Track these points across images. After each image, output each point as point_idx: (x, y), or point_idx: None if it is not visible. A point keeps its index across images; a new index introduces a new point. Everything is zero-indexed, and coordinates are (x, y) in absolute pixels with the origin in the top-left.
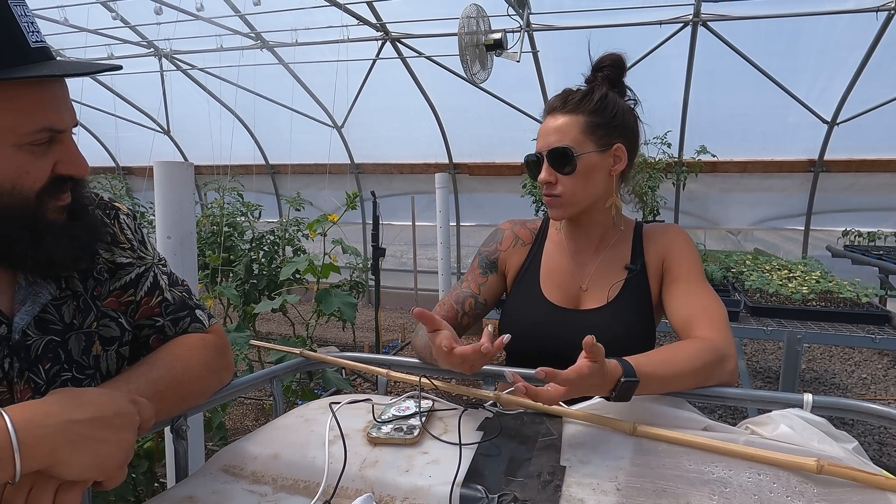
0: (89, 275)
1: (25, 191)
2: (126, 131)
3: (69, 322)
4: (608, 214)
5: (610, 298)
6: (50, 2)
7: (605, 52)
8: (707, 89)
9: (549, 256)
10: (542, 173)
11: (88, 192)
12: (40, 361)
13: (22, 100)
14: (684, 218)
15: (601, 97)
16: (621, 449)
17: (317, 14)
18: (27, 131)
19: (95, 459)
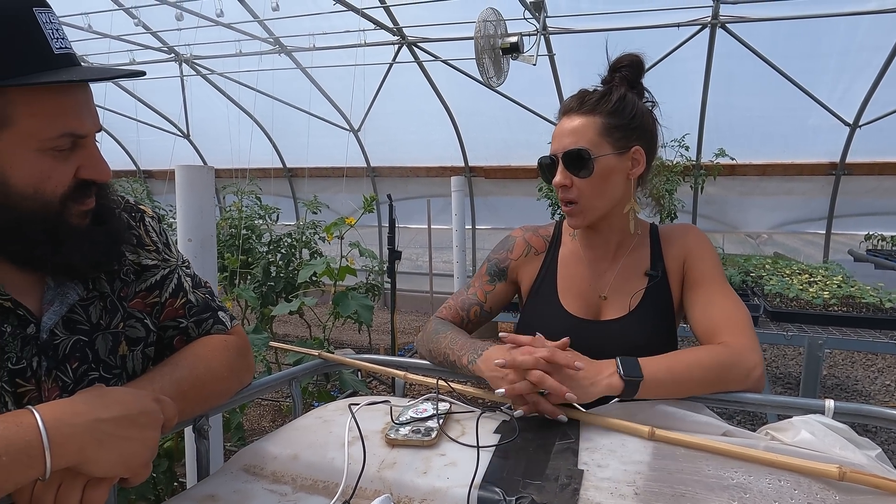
0: (116, 276)
1: (48, 195)
2: (147, 135)
3: (96, 322)
4: (626, 220)
5: (632, 307)
6: (74, 9)
7: (624, 52)
8: (725, 92)
9: (564, 265)
10: (557, 176)
11: (114, 195)
12: (68, 360)
13: (44, 105)
14: (702, 221)
15: (619, 98)
16: (639, 453)
17: (334, 19)
18: (49, 136)
19: (122, 457)
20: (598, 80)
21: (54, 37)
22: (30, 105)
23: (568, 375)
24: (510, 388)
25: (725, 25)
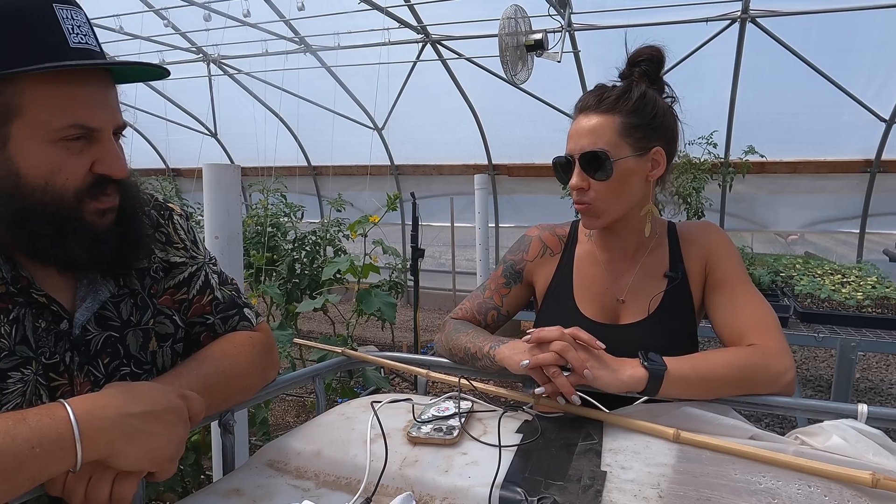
0: (146, 273)
1: (59, 188)
2: (175, 134)
3: (126, 319)
4: (644, 221)
5: (651, 310)
6: (106, 11)
7: (643, 44)
8: (755, 88)
9: (580, 267)
10: (574, 178)
11: (142, 195)
12: (99, 356)
13: (54, 95)
14: (730, 220)
15: (640, 96)
16: (664, 456)
17: (359, 18)
18: (57, 127)
19: (149, 452)
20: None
21: (73, 32)
22: (40, 95)
23: (591, 355)
24: (534, 359)
25: (756, 20)
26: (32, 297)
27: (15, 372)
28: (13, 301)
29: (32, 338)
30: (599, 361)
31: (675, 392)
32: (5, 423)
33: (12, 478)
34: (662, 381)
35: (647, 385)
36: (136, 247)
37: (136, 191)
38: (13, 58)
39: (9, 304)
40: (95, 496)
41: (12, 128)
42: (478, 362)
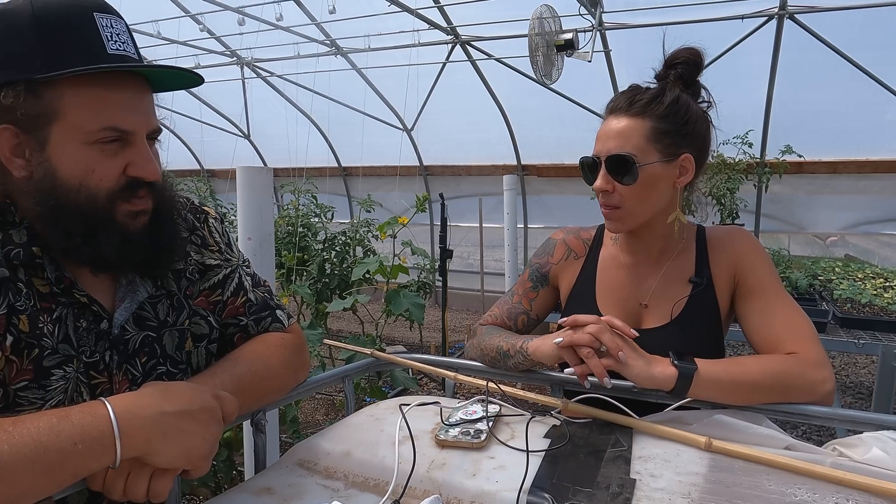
0: (182, 275)
1: (92, 188)
2: (210, 136)
3: (163, 319)
4: (670, 227)
5: (674, 315)
6: (145, 17)
7: (682, 46)
8: (793, 86)
9: (604, 270)
10: (599, 180)
11: (177, 199)
12: (137, 355)
13: (89, 99)
14: (766, 221)
15: (672, 101)
16: (695, 464)
17: (389, 20)
18: (92, 129)
19: (184, 450)
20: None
21: (112, 39)
22: (77, 98)
23: (626, 343)
24: (568, 336)
25: (794, 16)
26: (74, 298)
27: (58, 369)
28: (56, 301)
29: (74, 337)
30: (634, 351)
31: (706, 395)
32: (49, 419)
33: (56, 473)
34: (692, 381)
35: (676, 384)
36: (167, 249)
37: (171, 195)
38: (53, 63)
39: (52, 303)
40: (134, 491)
41: (51, 130)
42: (510, 360)
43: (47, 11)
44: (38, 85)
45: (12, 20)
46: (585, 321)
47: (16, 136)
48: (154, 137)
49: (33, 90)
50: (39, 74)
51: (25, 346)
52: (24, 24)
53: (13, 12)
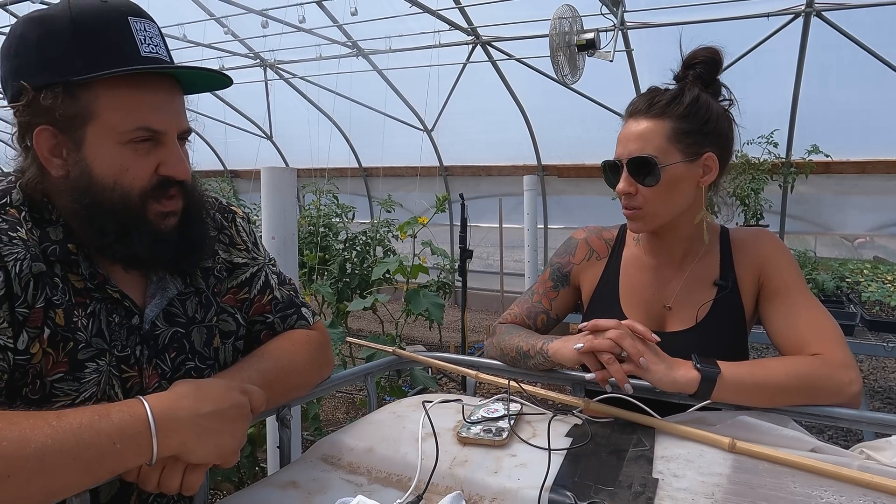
0: (210, 273)
1: (126, 187)
2: (234, 137)
3: (192, 316)
4: (694, 228)
5: (699, 319)
6: (171, 20)
7: (700, 45)
8: (820, 84)
9: (627, 271)
10: (621, 183)
11: (206, 200)
12: (166, 350)
13: (123, 100)
14: (792, 222)
15: (692, 100)
16: (718, 465)
17: (410, 21)
18: (126, 129)
19: (216, 448)
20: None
21: (145, 42)
22: (111, 99)
23: (648, 348)
24: (588, 343)
25: (821, 13)
26: (108, 293)
27: (91, 363)
28: (90, 296)
29: (107, 331)
30: (656, 355)
31: (730, 397)
32: (91, 417)
33: (95, 469)
34: (715, 385)
35: (699, 388)
36: (196, 248)
37: (201, 195)
38: (90, 65)
39: (86, 298)
40: (167, 484)
41: (87, 130)
42: (530, 360)
43: (84, 16)
44: (75, 87)
45: (52, 25)
46: (606, 326)
47: (54, 137)
48: (184, 138)
49: (70, 92)
50: (77, 77)
51: (61, 339)
52: (63, 29)
53: (52, 18)
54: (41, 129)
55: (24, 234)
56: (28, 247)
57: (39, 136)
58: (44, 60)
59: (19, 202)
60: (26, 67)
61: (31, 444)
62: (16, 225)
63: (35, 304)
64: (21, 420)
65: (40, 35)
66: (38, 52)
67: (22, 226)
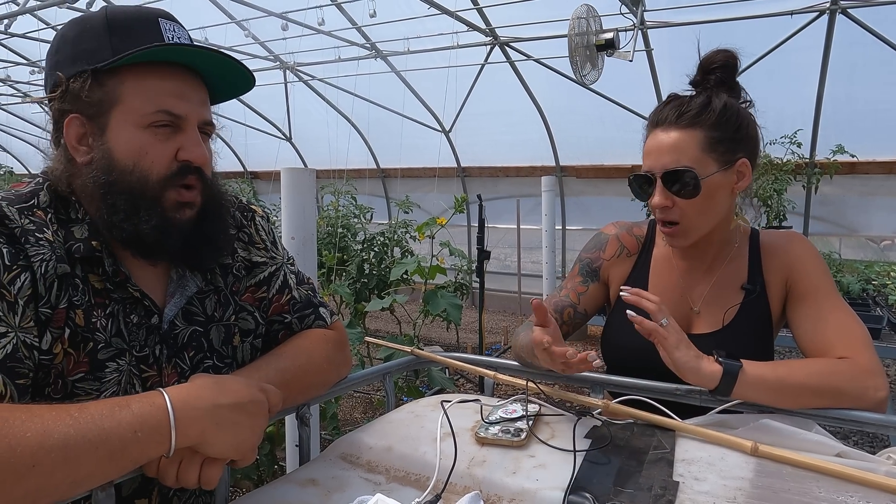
0: (229, 271)
1: (145, 170)
2: (254, 139)
3: (210, 314)
4: (727, 233)
5: (725, 322)
6: (193, 24)
7: (715, 49)
8: (846, 83)
9: (656, 272)
10: (657, 197)
11: (227, 198)
12: (185, 349)
13: (147, 84)
14: (816, 224)
15: (723, 108)
16: (741, 469)
17: (428, 22)
18: (147, 111)
19: (235, 441)
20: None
21: (171, 38)
22: (135, 84)
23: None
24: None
25: (847, 11)
26: (128, 293)
27: (111, 362)
28: (109, 297)
29: (126, 331)
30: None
31: (750, 395)
32: (112, 408)
33: (117, 458)
34: (736, 379)
35: (720, 382)
36: (209, 243)
37: (221, 193)
38: (117, 53)
39: (105, 299)
40: (186, 478)
41: (111, 115)
42: (533, 359)
43: (117, 15)
44: (102, 74)
45: (89, 23)
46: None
47: (82, 125)
48: (207, 132)
49: (98, 79)
50: (103, 63)
51: (81, 339)
52: (98, 26)
53: (90, 17)
54: (71, 119)
55: (51, 235)
56: (54, 248)
57: (69, 125)
58: (77, 52)
59: (46, 204)
60: (63, 61)
61: (54, 435)
62: (42, 227)
63: (58, 305)
64: (44, 412)
65: (77, 32)
66: (73, 45)
67: (48, 227)
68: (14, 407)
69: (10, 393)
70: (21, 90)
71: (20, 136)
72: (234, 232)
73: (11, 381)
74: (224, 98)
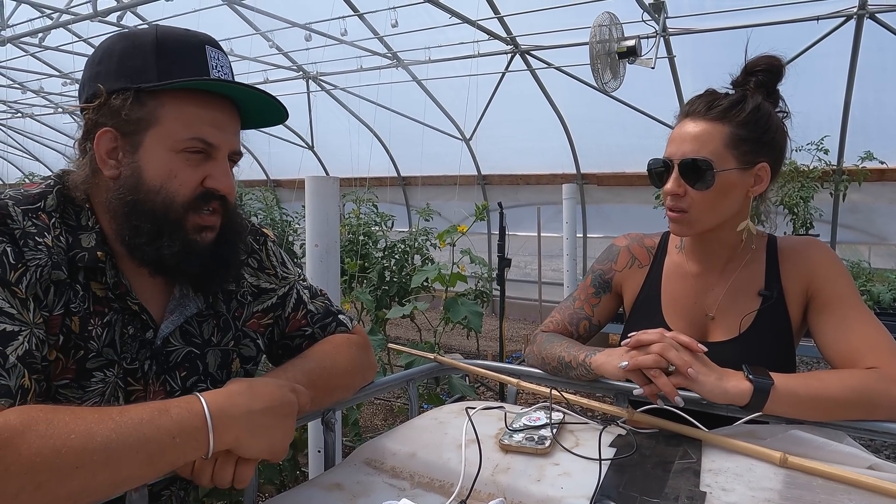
0: (233, 297)
1: (171, 193)
2: (277, 148)
3: (207, 338)
4: (739, 235)
5: (742, 329)
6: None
7: (762, 53)
8: (874, 89)
9: (669, 280)
10: (670, 183)
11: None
12: (177, 368)
13: (186, 111)
14: (844, 232)
15: (754, 108)
16: (769, 480)
17: (449, 32)
18: (182, 137)
19: (268, 443)
20: (724, 82)
21: (216, 68)
22: (175, 109)
23: (696, 358)
24: (633, 360)
25: (875, 15)
26: (127, 304)
27: (98, 372)
28: (109, 306)
29: (119, 342)
30: (705, 365)
31: (782, 410)
32: (151, 413)
33: (155, 462)
34: (768, 396)
35: (751, 399)
36: (224, 268)
37: (241, 219)
38: (162, 77)
39: (105, 308)
40: (221, 478)
41: (146, 135)
42: (572, 371)
43: (167, 37)
44: (145, 94)
45: (138, 40)
46: (649, 340)
47: (114, 140)
48: (234, 160)
49: (139, 98)
50: (148, 84)
51: (73, 345)
52: (147, 45)
53: (140, 35)
54: (104, 131)
55: (50, 240)
56: (51, 254)
57: (101, 138)
58: (123, 69)
59: (52, 207)
60: (105, 73)
61: (97, 438)
62: (44, 230)
63: (53, 311)
64: (87, 414)
65: (125, 47)
66: (119, 61)
67: (50, 232)
68: (56, 408)
69: (34, 388)
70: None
71: (52, 146)
72: (244, 257)
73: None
74: (255, 126)
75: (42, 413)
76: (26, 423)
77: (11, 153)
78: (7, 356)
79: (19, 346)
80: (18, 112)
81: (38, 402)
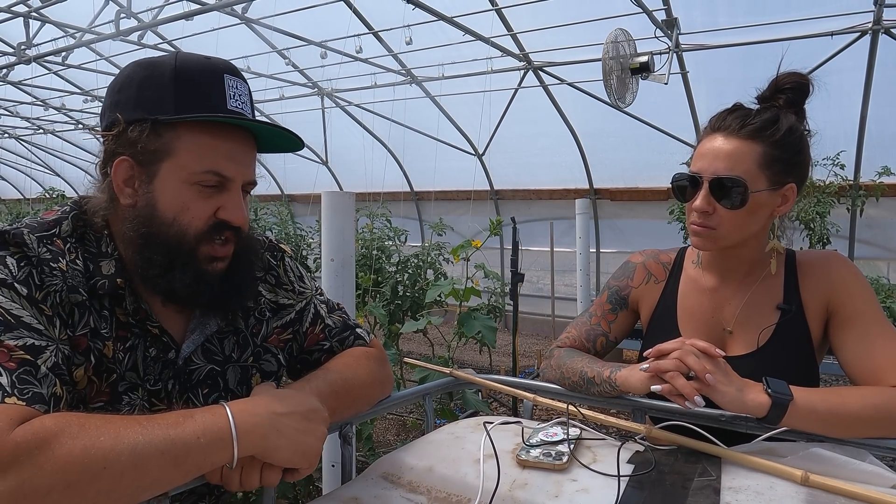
0: (251, 314)
1: (184, 225)
2: (291, 163)
3: (228, 355)
4: (759, 252)
5: (761, 343)
6: (237, 54)
7: (790, 70)
8: (890, 103)
9: (686, 295)
10: (699, 201)
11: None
12: (199, 386)
13: (202, 144)
14: (862, 247)
15: (789, 129)
16: (790, 499)
17: (463, 48)
18: (197, 170)
19: (299, 447)
20: (737, 98)
21: (233, 98)
22: (191, 141)
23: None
24: (654, 365)
25: (890, 31)
26: (147, 328)
27: (125, 395)
28: (131, 331)
29: (142, 366)
30: (724, 375)
31: (801, 424)
32: (176, 417)
33: (181, 464)
34: (786, 410)
35: (769, 412)
36: (236, 294)
37: (253, 242)
38: (179, 109)
39: (127, 333)
40: (249, 481)
41: (162, 166)
42: (594, 388)
43: (186, 67)
44: (161, 125)
45: (157, 70)
46: (670, 348)
47: (131, 168)
48: (248, 190)
49: (156, 129)
50: (165, 116)
51: (106, 369)
52: (165, 74)
53: (159, 64)
54: (121, 160)
55: (65, 265)
56: (66, 278)
57: (119, 166)
58: (141, 99)
59: (67, 233)
60: (124, 102)
61: (125, 440)
62: (58, 256)
63: (77, 331)
64: (116, 420)
65: (144, 77)
66: (138, 91)
67: (64, 257)
68: (89, 415)
69: (66, 396)
70: (74, 118)
71: (73, 162)
72: (260, 274)
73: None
74: (271, 151)
75: (75, 418)
76: (61, 426)
77: (33, 168)
78: (39, 367)
79: (47, 358)
80: (40, 128)
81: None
